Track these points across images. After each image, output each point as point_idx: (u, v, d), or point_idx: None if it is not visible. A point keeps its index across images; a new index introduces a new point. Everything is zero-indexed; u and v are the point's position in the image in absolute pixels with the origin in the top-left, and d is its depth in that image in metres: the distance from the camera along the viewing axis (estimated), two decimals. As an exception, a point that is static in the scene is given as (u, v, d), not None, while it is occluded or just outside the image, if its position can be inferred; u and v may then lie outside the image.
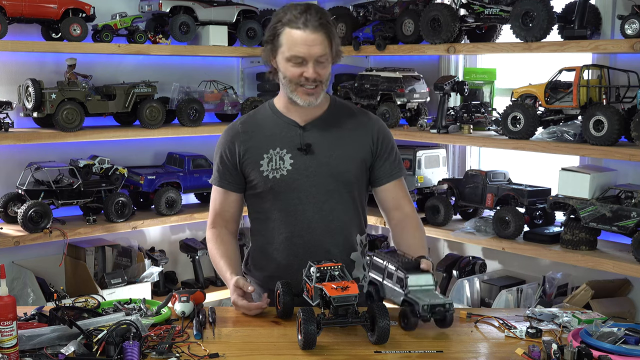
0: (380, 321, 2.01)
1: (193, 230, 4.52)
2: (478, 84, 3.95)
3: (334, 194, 2.43)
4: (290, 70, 2.32)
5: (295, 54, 2.29)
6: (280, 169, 2.40)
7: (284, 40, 2.30)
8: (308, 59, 2.29)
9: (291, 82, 2.34)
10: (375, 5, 4.06)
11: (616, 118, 3.06)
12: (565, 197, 3.30)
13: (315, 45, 2.28)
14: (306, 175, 2.40)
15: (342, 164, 2.42)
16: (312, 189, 2.41)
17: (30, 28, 3.73)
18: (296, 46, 2.28)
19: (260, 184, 2.43)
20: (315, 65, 2.30)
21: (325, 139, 2.43)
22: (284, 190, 2.41)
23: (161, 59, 4.24)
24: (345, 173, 2.43)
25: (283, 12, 2.33)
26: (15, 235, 3.50)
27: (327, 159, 2.41)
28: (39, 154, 3.81)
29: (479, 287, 3.69)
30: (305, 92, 2.34)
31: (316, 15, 2.28)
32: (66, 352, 1.89)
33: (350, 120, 2.48)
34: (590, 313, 2.39)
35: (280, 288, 2.25)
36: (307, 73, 2.30)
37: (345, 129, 2.46)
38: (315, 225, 2.43)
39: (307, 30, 2.26)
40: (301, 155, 2.40)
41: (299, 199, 2.42)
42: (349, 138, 2.45)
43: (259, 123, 2.49)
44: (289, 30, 2.28)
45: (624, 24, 3.03)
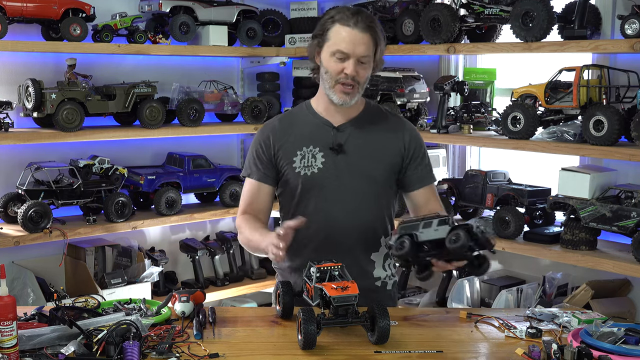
0: (380, 321, 2.01)
1: (193, 230, 4.52)
2: (478, 84, 3.95)
3: (360, 195, 2.47)
4: (332, 65, 2.38)
5: (340, 49, 2.35)
6: (311, 167, 2.45)
7: (332, 35, 2.37)
8: (351, 56, 2.35)
9: (331, 78, 2.39)
10: (375, 5, 4.06)
11: (616, 118, 3.06)
12: (565, 197, 3.30)
13: (361, 44, 2.35)
14: (335, 174, 2.45)
15: (370, 166, 2.47)
16: (340, 188, 2.45)
17: (30, 28, 3.73)
18: (343, 42, 2.35)
19: (292, 180, 2.48)
20: (357, 65, 2.36)
21: (357, 140, 2.47)
22: (313, 187, 2.46)
23: (161, 59, 4.24)
24: (373, 175, 2.48)
25: (336, 11, 2.41)
26: (15, 235, 3.50)
27: (356, 160, 2.46)
28: (39, 154, 3.81)
29: (479, 287, 3.69)
30: (342, 90, 2.39)
31: (367, 19, 2.38)
32: (66, 352, 1.89)
33: (383, 124, 2.53)
34: (590, 313, 2.39)
35: (280, 288, 2.26)
36: (347, 69, 2.36)
37: (378, 132, 2.51)
38: (339, 224, 2.45)
39: (356, 29, 2.34)
40: (333, 155, 2.45)
41: (326, 197, 2.46)
42: (381, 141, 2.50)
43: (295, 121, 2.54)
44: (339, 26, 2.36)
45: (624, 24, 3.03)
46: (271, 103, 4.40)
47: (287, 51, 4.41)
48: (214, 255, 4.30)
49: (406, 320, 2.32)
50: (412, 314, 2.41)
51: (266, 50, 4.37)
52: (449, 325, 2.29)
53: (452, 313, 2.44)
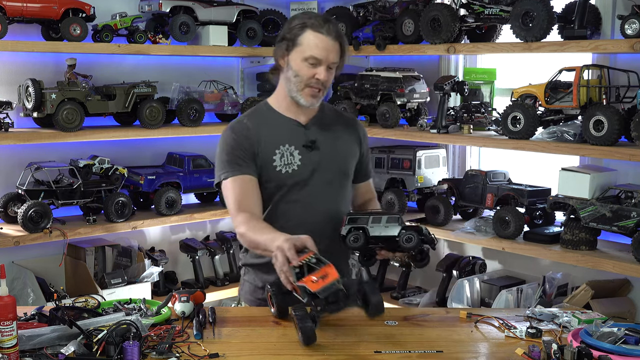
0: (372, 297, 2.12)
1: (193, 230, 4.52)
2: (478, 84, 3.95)
3: (335, 186, 2.60)
4: (305, 70, 2.46)
5: (314, 55, 2.43)
6: (291, 164, 2.52)
7: (304, 41, 2.44)
8: (323, 62, 2.45)
9: (302, 82, 2.47)
10: (375, 5, 4.07)
11: (616, 118, 3.06)
12: (565, 197, 3.30)
13: (333, 51, 2.45)
14: (312, 169, 2.54)
15: (343, 158, 2.63)
16: (318, 182, 2.55)
17: (30, 28, 3.73)
18: (317, 48, 2.43)
19: (273, 178, 2.52)
20: (326, 70, 2.46)
21: (326, 136, 2.59)
22: (295, 183, 2.53)
23: (161, 59, 4.24)
24: (344, 168, 2.63)
25: (305, 17, 2.48)
26: (15, 235, 3.50)
27: (330, 154, 2.58)
28: (39, 154, 3.81)
29: (479, 287, 3.69)
30: (310, 93, 2.48)
31: (336, 27, 2.49)
32: (66, 352, 1.89)
33: (340, 120, 2.70)
34: (590, 313, 2.39)
35: (270, 290, 2.26)
36: (319, 75, 2.45)
37: (338, 129, 2.65)
38: (319, 215, 2.55)
39: (328, 37, 2.44)
40: (307, 152, 2.55)
41: (306, 191, 2.55)
42: (344, 136, 2.65)
43: (262, 121, 2.58)
44: (312, 33, 2.44)
45: (624, 24, 3.03)
46: (271, 103, 4.39)
47: (287, 51, 4.40)
48: (214, 255, 4.30)
49: (406, 320, 2.32)
50: (412, 314, 2.41)
51: (266, 50, 4.37)
52: (449, 325, 2.29)
53: (452, 313, 2.44)
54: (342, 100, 4.22)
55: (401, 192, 3.97)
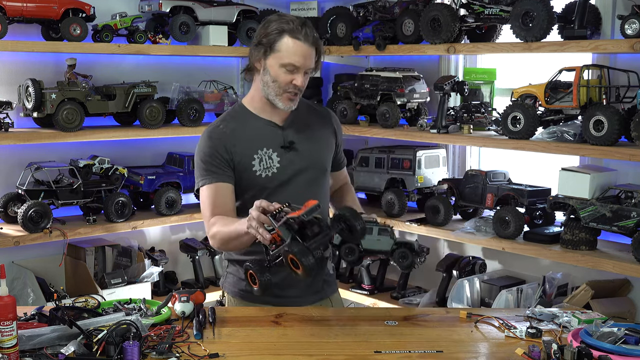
0: (357, 223, 2.17)
1: (193, 230, 4.52)
2: (478, 84, 3.95)
3: (316, 183, 2.61)
4: (282, 76, 2.45)
5: (292, 62, 2.42)
6: (271, 167, 2.52)
7: (282, 47, 2.42)
8: (301, 68, 2.45)
9: (279, 87, 2.47)
10: (375, 5, 4.06)
11: (616, 118, 3.06)
12: (565, 197, 3.30)
13: (310, 57, 2.45)
14: (292, 169, 2.54)
15: (320, 155, 2.64)
16: (300, 182, 2.56)
17: (30, 28, 3.73)
18: (295, 55, 2.42)
19: (252, 182, 2.51)
20: (303, 75, 2.46)
21: (302, 134, 2.60)
22: (276, 186, 2.53)
23: (161, 59, 4.24)
24: (322, 163, 2.65)
25: (283, 21, 2.44)
26: (15, 235, 3.50)
27: (308, 153, 2.59)
28: (39, 154, 3.81)
29: (479, 287, 3.69)
30: (288, 97, 2.49)
31: (312, 31, 2.46)
32: (66, 352, 1.89)
33: (314, 115, 2.69)
34: (590, 313, 2.39)
35: (251, 267, 2.18)
36: (296, 81, 2.45)
37: (314, 124, 2.66)
38: None
39: (306, 43, 2.43)
40: (285, 153, 2.55)
41: (288, 192, 2.52)
42: (319, 131, 2.67)
43: (238, 125, 2.56)
44: (289, 39, 2.42)
45: (624, 24, 3.03)
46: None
47: (287, 51, 4.40)
48: (214, 255, 4.30)
49: (406, 320, 2.32)
50: (412, 314, 2.41)
51: (266, 50, 4.36)
52: (449, 325, 2.29)
53: (452, 313, 2.44)
54: (342, 100, 4.22)
55: (401, 192, 3.97)
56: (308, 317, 2.29)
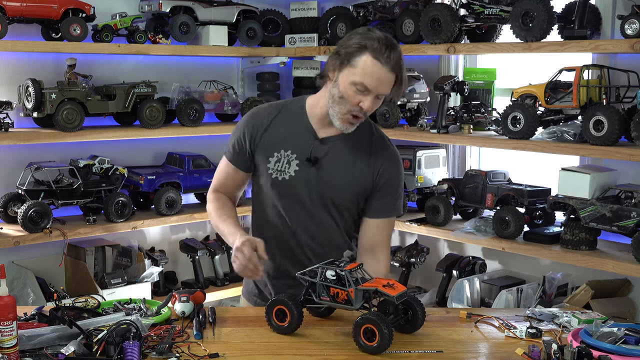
0: (418, 310, 2.12)
1: (193, 230, 4.52)
2: (478, 84, 3.95)
3: (326, 210, 2.44)
4: (351, 94, 2.28)
5: (364, 83, 2.25)
6: (284, 172, 2.42)
7: (359, 64, 2.25)
8: (372, 92, 2.26)
9: (345, 106, 2.30)
10: (375, 5, 4.06)
11: (616, 118, 3.06)
12: (565, 197, 3.30)
13: (385, 84, 2.27)
14: (305, 185, 2.41)
15: (339, 189, 2.42)
16: (307, 200, 2.42)
17: (30, 28, 3.73)
18: (370, 77, 2.24)
19: (263, 178, 2.48)
20: (375, 99, 2.29)
21: (336, 158, 2.42)
22: (281, 193, 2.44)
23: (161, 59, 4.24)
24: (341, 196, 2.43)
25: (369, 37, 2.26)
26: (15, 235, 3.50)
27: (328, 178, 2.41)
28: (39, 154, 3.81)
29: (479, 287, 3.69)
30: (349, 120, 2.33)
31: (397, 55, 2.26)
32: (66, 352, 1.89)
33: (366, 147, 2.45)
34: (590, 313, 2.39)
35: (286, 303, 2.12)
36: (364, 104, 2.28)
37: (359, 155, 2.43)
38: (301, 233, 2.45)
39: (386, 67, 2.24)
40: (307, 166, 2.41)
41: (293, 205, 2.44)
42: (357, 166, 2.43)
43: (284, 119, 2.48)
44: (370, 58, 2.23)
45: (624, 24, 3.03)
46: (271, 103, 4.39)
47: (287, 51, 4.41)
48: (214, 255, 4.31)
49: (406, 320, 2.32)
50: (412, 314, 2.41)
51: (266, 50, 4.37)
52: (449, 325, 2.29)
53: (452, 313, 2.44)
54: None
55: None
56: (308, 317, 2.28)
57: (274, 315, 2.15)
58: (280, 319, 2.14)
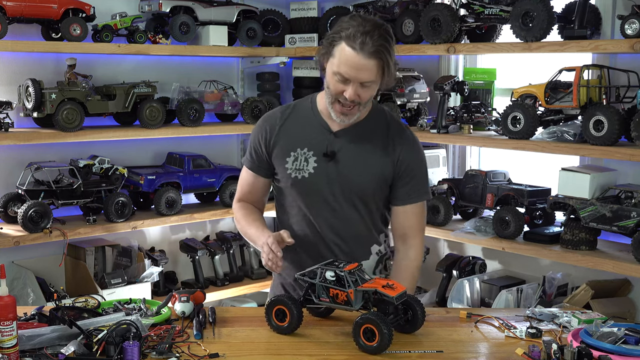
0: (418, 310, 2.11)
1: (193, 230, 4.52)
2: (478, 84, 3.96)
3: (349, 204, 2.41)
4: (333, 84, 2.27)
5: (341, 72, 2.22)
6: (302, 170, 2.40)
7: (336, 53, 2.23)
8: (353, 81, 2.22)
9: (331, 95, 2.29)
10: (375, 5, 4.07)
11: (616, 118, 3.06)
12: (565, 197, 3.30)
13: (364, 70, 2.20)
14: (326, 181, 2.39)
15: (361, 178, 2.39)
16: (329, 196, 2.40)
17: (30, 28, 3.73)
18: (344, 65, 2.20)
19: (283, 179, 2.46)
20: (358, 87, 2.24)
21: (352, 149, 2.39)
22: (301, 191, 2.42)
23: (161, 59, 4.24)
24: (363, 187, 2.40)
25: (348, 22, 2.23)
26: (15, 235, 3.50)
27: (348, 170, 2.38)
28: (39, 154, 3.81)
29: (479, 287, 3.69)
30: (340, 110, 2.30)
31: (377, 41, 2.17)
32: (66, 352, 1.89)
33: (383, 134, 2.41)
34: (590, 313, 2.39)
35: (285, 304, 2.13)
36: (347, 93, 2.24)
37: (376, 143, 2.40)
38: (326, 231, 2.43)
39: (360, 54, 2.17)
40: (325, 161, 2.38)
41: (316, 203, 2.41)
42: (376, 153, 2.39)
43: (297, 118, 2.46)
44: (344, 46, 2.20)
45: (624, 24, 3.03)
46: (271, 103, 4.40)
47: (287, 51, 4.41)
48: (214, 255, 4.31)
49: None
50: (412, 314, 2.41)
51: (266, 50, 4.37)
52: (449, 325, 2.29)
53: (452, 313, 2.44)
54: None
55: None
56: (308, 317, 2.28)
57: (274, 315, 2.15)
58: (280, 319, 2.15)
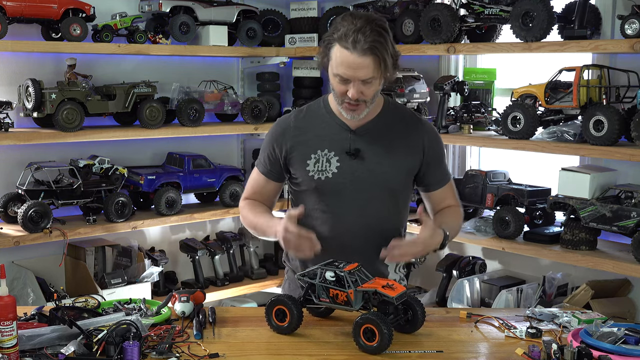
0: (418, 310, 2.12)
1: (193, 230, 4.52)
2: (478, 84, 3.95)
3: (377, 200, 2.42)
4: (336, 86, 2.29)
5: (339, 74, 2.24)
6: (325, 171, 2.39)
7: (333, 55, 2.25)
8: (352, 80, 2.24)
9: (337, 96, 2.32)
10: (375, 5, 4.07)
11: (616, 118, 3.06)
12: (565, 197, 3.30)
13: (362, 68, 2.21)
14: (351, 180, 2.38)
15: (389, 173, 2.40)
16: (356, 194, 2.39)
17: (30, 28, 3.73)
18: (342, 66, 2.22)
19: (305, 182, 2.43)
20: (360, 85, 2.25)
21: (375, 145, 2.39)
22: (327, 192, 2.40)
23: (161, 59, 4.24)
24: (392, 181, 2.42)
25: (340, 23, 2.24)
26: (15, 235, 3.50)
27: (374, 166, 2.38)
28: (39, 154, 3.80)
29: (479, 287, 3.69)
30: (349, 107, 2.31)
31: (369, 36, 2.18)
32: (66, 352, 1.89)
33: (401, 127, 2.43)
34: (590, 313, 2.39)
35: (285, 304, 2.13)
36: (350, 92, 2.26)
37: (396, 136, 2.42)
38: (354, 229, 2.42)
39: (354, 53, 2.19)
40: (349, 160, 2.38)
41: (342, 202, 2.40)
42: (399, 146, 2.41)
43: (311, 120, 2.46)
44: (339, 48, 2.22)
45: (624, 24, 3.03)
46: (271, 103, 4.40)
47: (287, 51, 4.41)
48: (214, 255, 4.31)
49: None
50: (412, 314, 2.41)
51: (266, 50, 4.37)
52: (449, 325, 2.29)
53: (452, 313, 2.44)
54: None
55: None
56: (308, 317, 2.28)
57: (274, 315, 2.16)
58: (280, 319, 2.15)
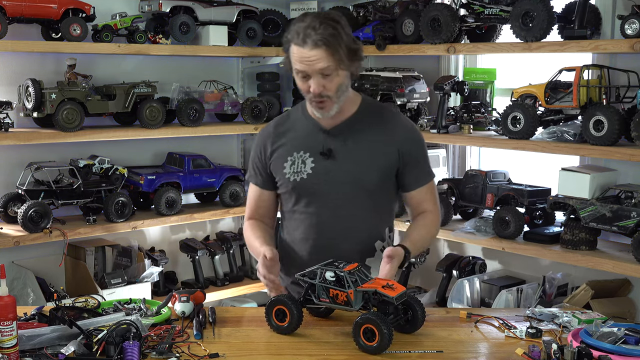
0: (418, 310, 2.12)
1: (193, 230, 4.52)
2: (478, 84, 3.95)
3: (353, 200, 2.42)
4: (300, 84, 2.35)
5: (297, 69, 2.30)
6: (301, 172, 2.42)
7: (291, 55, 2.32)
8: (311, 74, 2.28)
9: (304, 94, 2.36)
10: (375, 5, 4.06)
11: (616, 118, 3.06)
12: (565, 197, 3.30)
13: (315, 61, 2.25)
14: (325, 180, 2.40)
15: (364, 172, 2.40)
16: (331, 194, 2.41)
17: (30, 28, 3.73)
18: (297, 62, 2.29)
19: (284, 184, 2.48)
20: (320, 78, 2.28)
21: (349, 144, 2.41)
22: (304, 193, 2.44)
23: (161, 59, 4.24)
24: (366, 181, 2.41)
25: (294, 23, 2.32)
26: (15, 235, 3.50)
27: (348, 166, 2.39)
28: (39, 154, 3.80)
29: (479, 287, 3.69)
30: (316, 105, 2.34)
31: (319, 30, 2.23)
32: (66, 352, 1.90)
33: (377, 126, 2.44)
34: (590, 313, 2.39)
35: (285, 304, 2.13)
36: (312, 87, 2.30)
37: (372, 135, 2.42)
38: (331, 230, 2.43)
39: (306, 47, 2.24)
40: (323, 160, 2.41)
41: (318, 203, 2.43)
42: (374, 145, 2.41)
43: (290, 125, 2.51)
44: (294, 47, 2.29)
45: (624, 24, 3.03)
46: (271, 103, 4.40)
47: (287, 51, 4.41)
48: (214, 255, 4.31)
49: (406, 320, 2.32)
50: (412, 314, 2.41)
51: (266, 50, 4.37)
52: (449, 325, 2.29)
53: (452, 313, 2.44)
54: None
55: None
56: (308, 317, 2.28)
57: (274, 315, 2.16)
58: (280, 319, 2.15)
